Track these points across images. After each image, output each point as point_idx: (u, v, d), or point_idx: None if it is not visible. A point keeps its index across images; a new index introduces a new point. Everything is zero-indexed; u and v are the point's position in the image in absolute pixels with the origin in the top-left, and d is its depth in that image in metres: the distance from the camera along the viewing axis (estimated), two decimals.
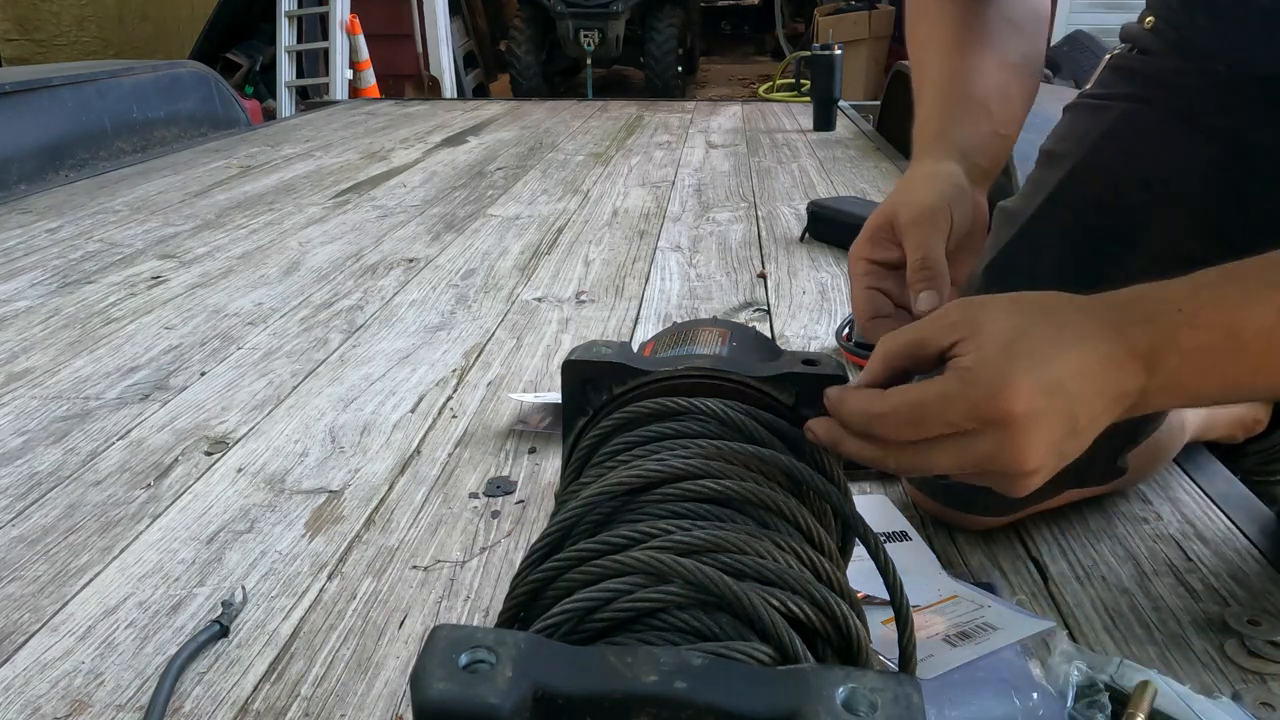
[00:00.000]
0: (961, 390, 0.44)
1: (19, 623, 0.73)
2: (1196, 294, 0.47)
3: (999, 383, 0.43)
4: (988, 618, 0.66)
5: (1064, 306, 0.48)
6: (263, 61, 5.09)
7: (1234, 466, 0.97)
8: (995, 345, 0.45)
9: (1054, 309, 0.47)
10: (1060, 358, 0.45)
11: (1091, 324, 0.46)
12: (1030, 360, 0.44)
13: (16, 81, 2.55)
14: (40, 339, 1.33)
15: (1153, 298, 0.48)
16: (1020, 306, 0.47)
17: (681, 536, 0.39)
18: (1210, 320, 0.46)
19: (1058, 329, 0.46)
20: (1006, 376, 0.44)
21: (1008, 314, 0.46)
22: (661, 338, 0.60)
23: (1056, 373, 0.44)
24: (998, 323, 0.46)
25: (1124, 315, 0.47)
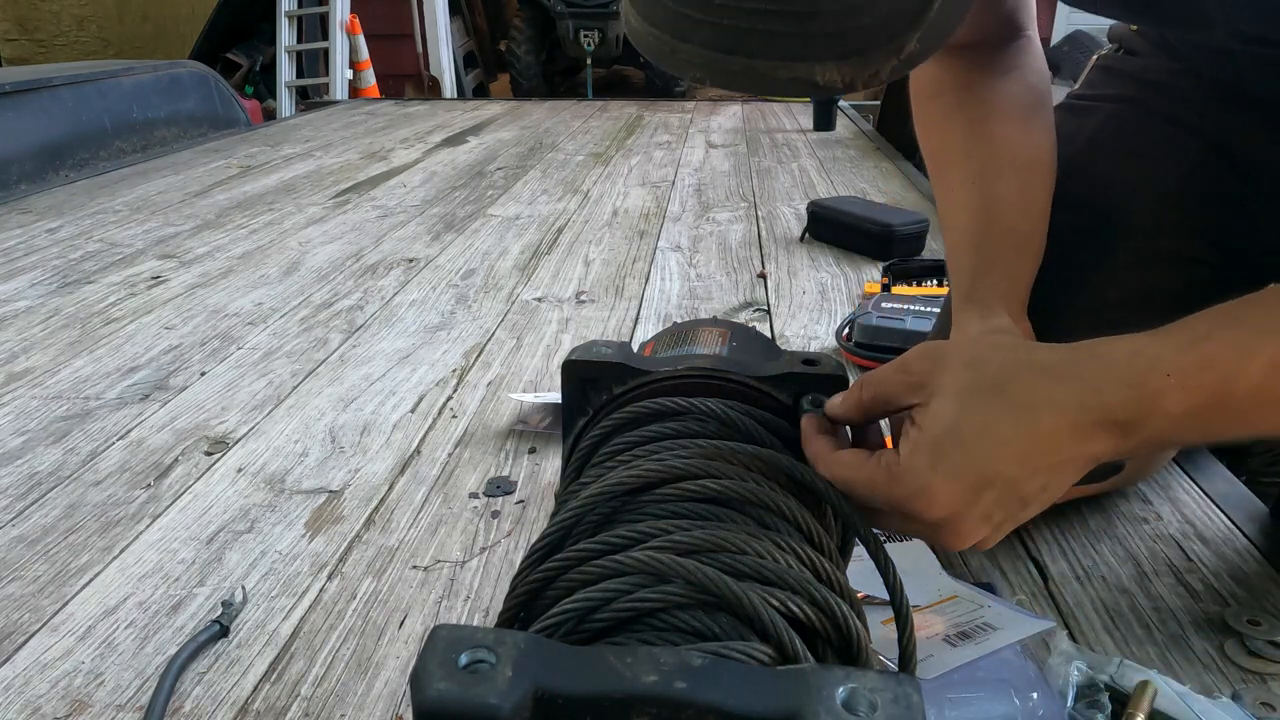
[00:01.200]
0: (886, 485, 0.45)
1: (19, 623, 0.73)
2: (1188, 350, 0.45)
3: (917, 489, 0.44)
4: (987, 618, 0.66)
5: (1023, 378, 0.46)
6: (263, 61, 5.09)
7: (1239, 467, 0.97)
8: (929, 437, 0.45)
9: (1009, 384, 0.45)
10: (996, 452, 0.44)
11: (1054, 400, 0.45)
12: (957, 462, 0.44)
13: (17, 81, 2.56)
14: (40, 339, 1.33)
15: (1140, 358, 0.46)
16: (973, 384, 0.45)
17: (681, 536, 0.39)
18: (1200, 383, 0.45)
19: (1005, 413, 0.44)
20: (925, 482, 0.44)
21: (956, 393, 0.45)
22: (661, 338, 0.60)
23: (988, 470, 0.44)
24: (943, 403, 0.45)
25: (1103, 379, 0.45)
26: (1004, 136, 0.74)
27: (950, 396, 0.45)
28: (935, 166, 0.79)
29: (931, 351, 0.48)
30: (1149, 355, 0.45)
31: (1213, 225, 0.77)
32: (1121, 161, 0.79)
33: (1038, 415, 0.44)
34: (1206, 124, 0.76)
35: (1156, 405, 0.44)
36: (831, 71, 0.43)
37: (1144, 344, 0.46)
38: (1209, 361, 0.45)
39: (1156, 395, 0.44)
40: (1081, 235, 0.78)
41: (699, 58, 0.44)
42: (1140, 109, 0.80)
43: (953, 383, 0.46)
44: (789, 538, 0.41)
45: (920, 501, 0.44)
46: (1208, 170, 0.76)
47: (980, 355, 0.47)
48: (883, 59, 0.43)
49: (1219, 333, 0.46)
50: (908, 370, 0.48)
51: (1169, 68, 0.80)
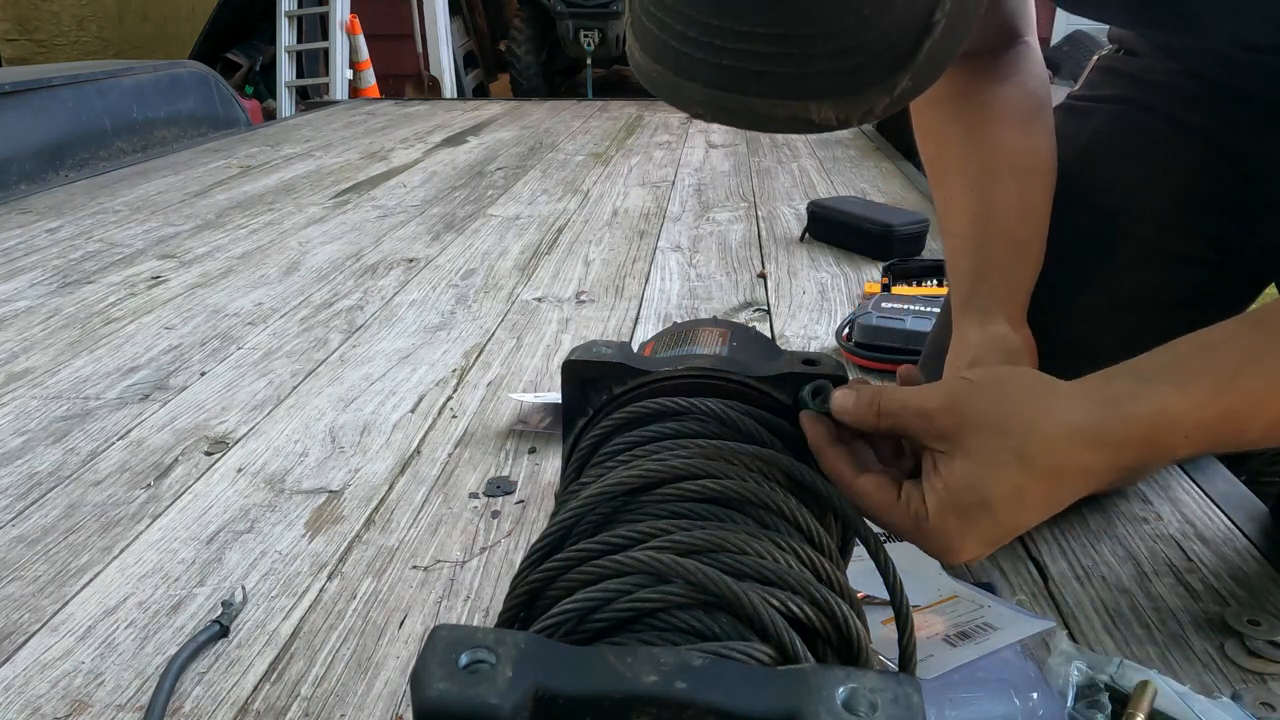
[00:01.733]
0: (912, 533, 0.48)
1: (19, 623, 0.73)
2: (1209, 408, 0.46)
3: (946, 546, 0.48)
4: (988, 618, 0.66)
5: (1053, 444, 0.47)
6: (263, 61, 5.09)
7: (1238, 467, 0.97)
8: (958, 501, 0.46)
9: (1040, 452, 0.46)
10: (1024, 514, 0.47)
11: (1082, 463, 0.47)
12: (987, 527, 0.47)
13: (17, 81, 2.56)
14: (40, 339, 1.33)
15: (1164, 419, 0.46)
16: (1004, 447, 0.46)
17: (681, 536, 0.39)
18: (1212, 435, 0.47)
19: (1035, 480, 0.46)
20: (956, 545, 0.47)
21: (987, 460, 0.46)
22: (661, 338, 0.60)
23: (1010, 527, 0.48)
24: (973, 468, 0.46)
25: (1126, 439, 0.46)
26: (1003, 142, 0.74)
27: (980, 465, 0.47)
28: (934, 172, 0.80)
29: (956, 406, 0.48)
30: (1172, 415, 0.46)
31: (1214, 226, 0.77)
32: (1123, 162, 0.80)
33: (1064, 481, 0.47)
34: (1208, 125, 0.76)
35: (1167, 456, 0.48)
36: (827, 110, 0.44)
37: (1169, 402, 0.47)
38: (1227, 416, 0.47)
39: (1171, 450, 0.47)
40: (1083, 235, 0.78)
41: (700, 95, 0.45)
42: (1141, 110, 0.80)
43: (981, 448, 0.47)
44: (789, 538, 0.41)
45: (945, 556, 0.49)
46: (1209, 171, 0.76)
47: (1006, 416, 0.47)
48: (876, 97, 0.44)
49: (1241, 381, 0.47)
50: (929, 419, 0.48)
51: (1169, 69, 0.80)
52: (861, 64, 0.42)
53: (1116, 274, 0.77)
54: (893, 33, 0.42)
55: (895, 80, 0.43)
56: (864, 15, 0.41)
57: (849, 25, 0.41)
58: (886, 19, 0.41)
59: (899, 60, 0.43)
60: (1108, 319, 0.76)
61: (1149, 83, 0.80)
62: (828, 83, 0.43)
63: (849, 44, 0.42)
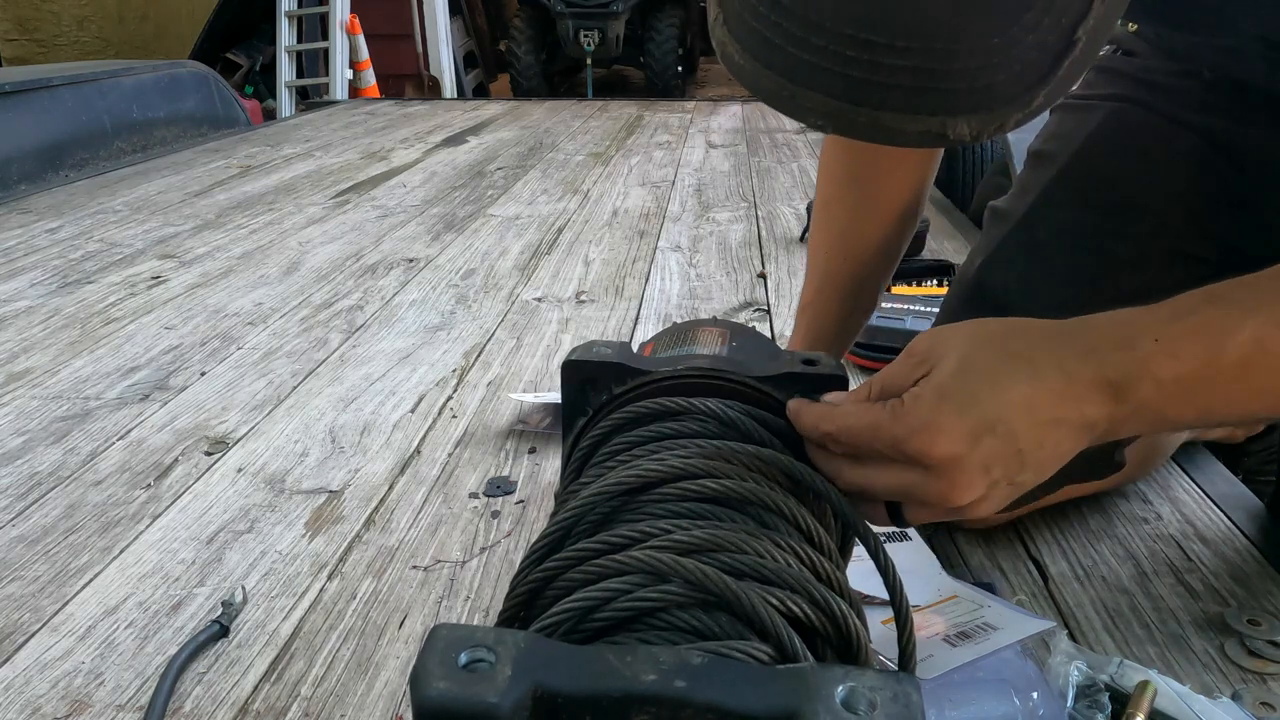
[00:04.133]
0: (889, 424, 0.45)
1: (19, 622, 0.73)
2: (1174, 321, 0.47)
3: (920, 424, 0.44)
4: (988, 618, 0.66)
5: (1023, 335, 0.48)
6: (263, 61, 5.09)
7: (1235, 466, 0.97)
8: (933, 384, 0.46)
9: (1010, 339, 0.47)
10: (997, 396, 0.45)
11: (1051, 353, 0.46)
12: (960, 402, 0.45)
13: (17, 81, 2.56)
14: (40, 339, 1.33)
15: (1129, 325, 0.48)
16: (975, 339, 0.47)
17: (681, 536, 0.39)
18: (1188, 350, 0.46)
19: (1006, 362, 0.46)
20: (929, 419, 0.44)
21: (960, 350, 0.46)
22: (661, 338, 0.60)
23: (990, 412, 0.45)
24: (947, 360, 0.46)
25: (1094, 341, 0.47)
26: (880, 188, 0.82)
27: (956, 355, 0.46)
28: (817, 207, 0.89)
29: (931, 333, 0.49)
30: (1138, 323, 0.47)
31: (1215, 223, 0.77)
32: (1123, 160, 0.80)
33: (1037, 366, 0.46)
34: (1209, 123, 0.76)
35: (1145, 369, 0.46)
36: (962, 126, 0.43)
37: (1133, 314, 0.48)
38: (1194, 332, 0.47)
39: (1145, 359, 0.46)
40: (1084, 233, 0.78)
41: (822, 106, 0.43)
42: (1140, 108, 0.80)
43: (956, 343, 0.47)
44: (788, 537, 0.41)
45: (923, 438, 0.44)
46: (1210, 169, 0.76)
47: (982, 328, 0.48)
48: (1011, 112, 0.43)
49: (1204, 309, 0.48)
50: (911, 353, 0.49)
51: (1168, 69, 0.80)
52: (1002, 80, 0.41)
53: (1116, 272, 0.77)
54: (1035, 50, 0.41)
55: (1032, 96, 0.42)
56: (1009, 33, 0.40)
57: (993, 43, 0.40)
58: (1031, 37, 0.40)
59: (1038, 77, 0.42)
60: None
61: (1147, 82, 0.80)
62: (966, 99, 0.42)
63: (991, 60, 0.41)
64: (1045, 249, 0.80)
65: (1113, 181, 0.79)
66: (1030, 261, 0.80)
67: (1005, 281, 0.80)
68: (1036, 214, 0.81)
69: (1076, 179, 0.80)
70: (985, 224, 0.88)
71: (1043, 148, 0.85)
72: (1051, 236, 0.80)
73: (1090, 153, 0.80)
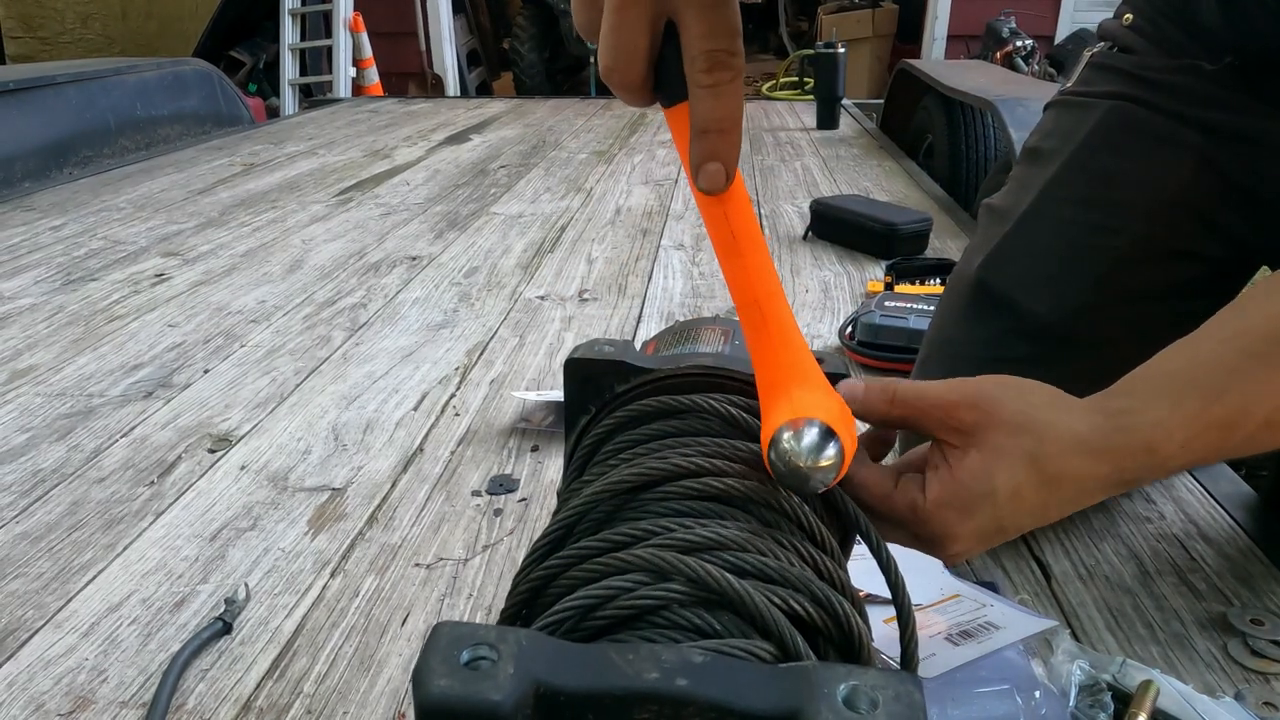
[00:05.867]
0: (911, 522, 0.49)
1: (23, 619, 0.73)
2: (1200, 418, 0.48)
3: (943, 534, 0.48)
4: (990, 617, 0.65)
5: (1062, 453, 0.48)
6: (266, 59, 5.09)
7: (1236, 463, 0.96)
8: (962, 492, 0.47)
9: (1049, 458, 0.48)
10: (1022, 513, 0.48)
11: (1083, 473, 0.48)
12: (986, 518, 0.48)
13: (21, 79, 2.56)
14: (44, 336, 1.33)
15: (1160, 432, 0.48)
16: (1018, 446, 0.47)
17: (683, 534, 0.39)
18: (1202, 441, 0.49)
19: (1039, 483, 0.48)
20: (953, 532, 0.48)
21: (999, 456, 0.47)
22: (664, 336, 0.60)
23: (1009, 524, 0.48)
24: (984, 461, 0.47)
25: (1125, 451, 0.48)
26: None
27: (992, 456, 0.47)
28: None
29: (980, 403, 0.49)
30: (1167, 428, 0.48)
31: (1216, 218, 0.76)
32: (1123, 158, 0.79)
33: (1064, 487, 0.48)
34: (1211, 118, 0.76)
35: (1162, 467, 0.49)
36: None
37: (1164, 414, 0.49)
38: (1216, 427, 0.49)
39: (1165, 460, 0.49)
40: (1084, 231, 0.78)
41: None
42: (1140, 105, 0.80)
43: (997, 442, 0.48)
44: (791, 535, 0.41)
45: (941, 545, 0.49)
46: (1210, 165, 0.76)
47: (1027, 420, 0.48)
48: None
49: (1229, 396, 0.49)
50: (951, 411, 0.49)
51: (1168, 64, 0.79)
52: None
53: (1117, 269, 0.77)
54: None
55: None
56: None
57: None
58: None
59: None
60: (1110, 313, 0.76)
61: (1146, 79, 0.80)
62: None
63: None
64: (1045, 247, 0.79)
65: (1113, 179, 0.79)
66: (1031, 260, 0.80)
67: (1006, 281, 0.80)
68: (1036, 212, 0.81)
69: (1076, 177, 0.80)
70: (981, 221, 0.88)
71: (1039, 145, 0.85)
72: (1052, 235, 0.80)
73: (1090, 150, 0.80)
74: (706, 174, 0.40)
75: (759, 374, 0.44)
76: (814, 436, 0.41)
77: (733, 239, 0.42)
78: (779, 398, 0.43)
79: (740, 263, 0.43)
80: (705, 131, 0.40)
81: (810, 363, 0.44)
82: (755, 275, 0.43)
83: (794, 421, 0.42)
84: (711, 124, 0.40)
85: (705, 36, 0.38)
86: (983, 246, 0.83)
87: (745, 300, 0.43)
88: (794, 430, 0.42)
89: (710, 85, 0.39)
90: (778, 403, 0.43)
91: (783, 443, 0.42)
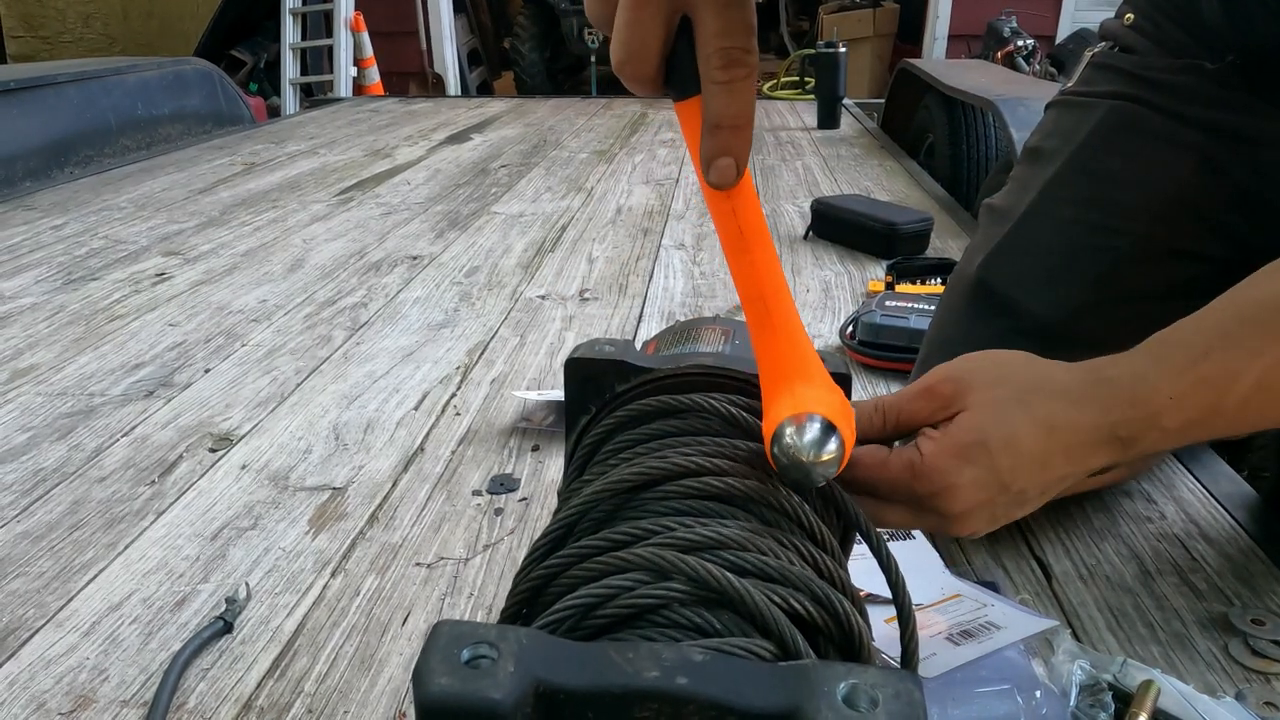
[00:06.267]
0: (910, 482, 0.48)
1: (24, 618, 0.73)
2: (1186, 374, 0.50)
3: (944, 485, 0.48)
4: (991, 616, 0.65)
5: (1044, 393, 0.49)
6: (267, 59, 5.10)
7: (1239, 461, 0.96)
8: (953, 443, 0.48)
9: (1034, 399, 0.49)
10: (1019, 462, 0.48)
11: (1071, 418, 0.49)
12: (984, 467, 0.47)
13: (22, 78, 2.56)
14: (45, 335, 1.33)
15: (1144, 381, 0.50)
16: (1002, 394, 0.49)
17: (684, 533, 0.39)
18: (1195, 400, 0.49)
19: (1025, 425, 0.48)
20: (950, 482, 0.47)
21: (985, 404, 0.48)
22: (664, 336, 0.60)
23: (1006, 476, 0.48)
24: (972, 414, 0.48)
25: (1109, 403, 0.49)
26: None
27: (978, 409, 0.48)
28: None
29: (954, 374, 0.50)
30: (1152, 380, 0.50)
31: (1218, 218, 0.76)
32: (1124, 158, 0.79)
33: (1057, 433, 0.48)
34: (1214, 117, 0.76)
35: (1155, 423, 0.49)
36: None
37: (1146, 367, 0.50)
38: (1203, 383, 0.50)
39: (1156, 415, 0.49)
40: (1085, 231, 0.78)
41: None
42: (1141, 105, 0.80)
43: (980, 398, 0.49)
44: (791, 534, 0.41)
45: (943, 500, 0.48)
46: (1212, 165, 0.76)
47: (1004, 374, 0.50)
48: None
49: (1214, 354, 0.50)
50: (933, 394, 0.50)
51: (1169, 64, 0.79)
52: None
53: (1118, 269, 0.77)
54: None
55: None
56: None
57: None
58: None
59: None
60: (1110, 313, 0.76)
61: (1147, 79, 0.80)
62: None
63: None
64: (1046, 247, 0.79)
65: (1114, 179, 0.79)
66: (1031, 260, 0.80)
67: (1006, 280, 0.80)
68: (1037, 212, 0.81)
69: (1077, 177, 0.80)
70: (981, 220, 0.88)
71: (1040, 144, 0.85)
72: (1052, 235, 0.80)
73: (1090, 150, 0.80)
74: (718, 169, 0.40)
75: (762, 369, 0.45)
76: (816, 431, 0.42)
77: (740, 235, 0.42)
78: (782, 392, 0.43)
79: (748, 258, 0.43)
80: (719, 127, 0.40)
81: (813, 358, 0.45)
82: (762, 271, 0.43)
83: (796, 416, 0.42)
84: (725, 119, 0.40)
85: (721, 34, 0.39)
86: (983, 246, 0.83)
87: (751, 295, 0.43)
88: (797, 425, 0.42)
89: (725, 82, 0.39)
90: (780, 397, 0.43)
91: (785, 437, 0.42)
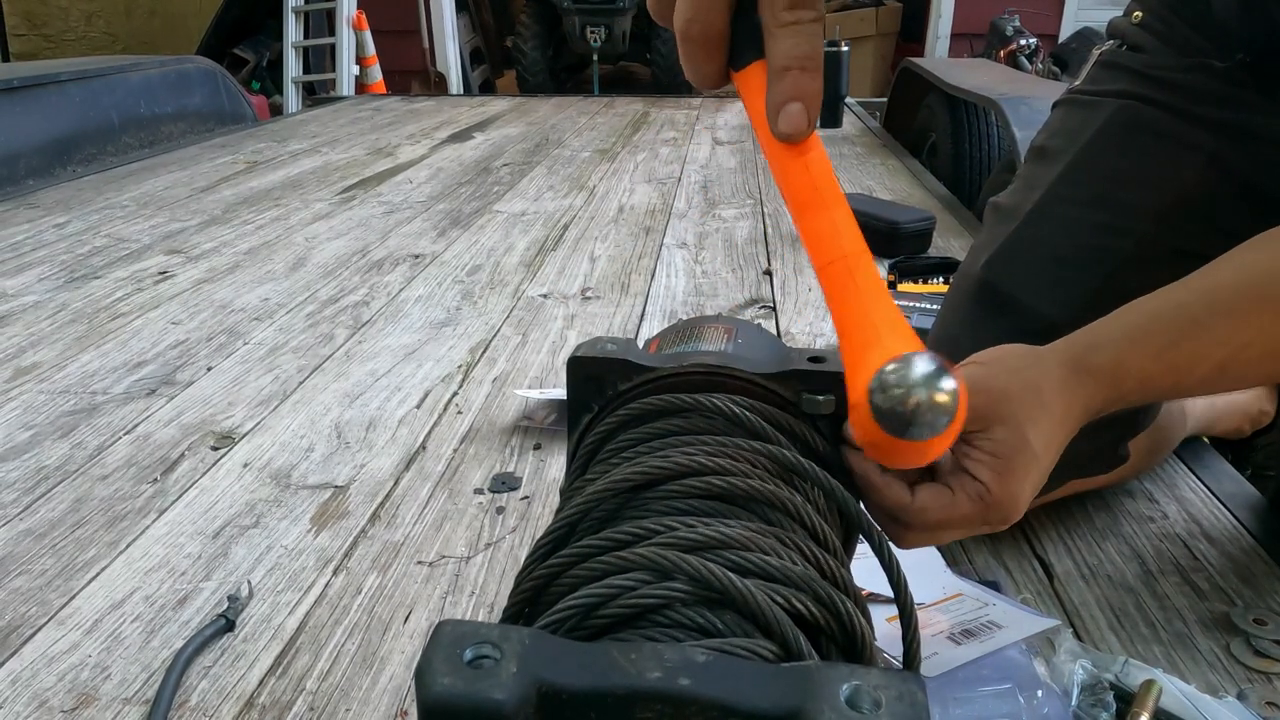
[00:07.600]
0: (983, 515, 0.50)
1: (26, 616, 0.73)
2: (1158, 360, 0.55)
3: (1012, 507, 0.50)
4: (992, 616, 0.65)
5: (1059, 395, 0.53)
6: (269, 57, 5.10)
7: (1242, 461, 0.96)
8: (1009, 464, 0.50)
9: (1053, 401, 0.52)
10: (1050, 457, 0.52)
11: (1073, 409, 0.54)
12: (1036, 475, 0.51)
13: (25, 77, 2.56)
14: (48, 334, 1.33)
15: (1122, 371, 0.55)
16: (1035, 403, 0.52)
17: (686, 533, 0.39)
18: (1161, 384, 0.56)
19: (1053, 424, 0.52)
20: (1019, 500, 0.50)
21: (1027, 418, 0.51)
22: (666, 335, 0.60)
23: (1046, 471, 0.51)
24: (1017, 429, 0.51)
25: (1095, 386, 0.54)
26: None
27: (1019, 424, 0.51)
28: None
29: (981, 386, 0.51)
30: (1128, 365, 0.55)
31: (1227, 219, 0.76)
32: (1130, 158, 0.79)
33: (1069, 425, 0.53)
34: (1222, 117, 0.76)
35: (1122, 398, 0.55)
36: None
37: (1124, 354, 0.55)
38: (1172, 369, 0.55)
39: (1126, 393, 0.55)
40: (1091, 231, 0.78)
41: None
42: (1149, 104, 0.79)
43: (1014, 411, 0.51)
44: (793, 534, 0.41)
45: (1011, 514, 0.50)
46: (1222, 164, 0.76)
47: (1024, 384, 0.53)
48: None
49: (1186, 342, 0.55)
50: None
51: (1176, 63, 0.79)
52: None
53: (1124, 269, 0.76)
54: None
55: None
56: None
57: None
58: None
59: None
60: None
61: (1155, 79, 0.80)
62: None
63: None
64: (1052, 247, 0.79)
65: (1120, 179, 0.79)
66: (1037, 259, 0.79)
67: (1011, 280, 0.80)
68: (1042, 211, 0.81)
69: (1083, 176, 0.80)
70: (987, 219, 0.88)
71: (1046, 143, 0.85)
72: (1058, 234, 0.79)
73: (1097, 150, 0.80)
74: (788, 115, 0.38)
75: (844, 337, 0.40)
76: (926, 364, 0.36)
77: (815, 191, 0.39)
78: (871, 349, 0.38)
79: (826, 215, 0.39)
80: (787, 69, 0.38)
81: (901, 320, 0.40)
82: (842, 229, 0.39)
83: (898, 356, 0.37)
84: (794, 61, 0.38)
85: None
86: (988, 245, 0.83)
87: (831, 256, 0.39)
88: (900, 361, 0.36)
89: (793, 22, 0.38)
90: (869, 353, 0.38)
91: (888, 374, 0.36)
